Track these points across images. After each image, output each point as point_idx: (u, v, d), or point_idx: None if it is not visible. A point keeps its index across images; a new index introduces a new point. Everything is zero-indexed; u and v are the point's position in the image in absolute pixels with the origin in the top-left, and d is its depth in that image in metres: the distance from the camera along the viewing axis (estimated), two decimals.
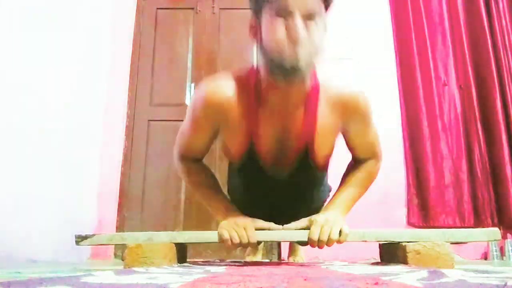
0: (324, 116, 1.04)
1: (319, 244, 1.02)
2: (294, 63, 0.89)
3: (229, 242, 1.03)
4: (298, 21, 0.89)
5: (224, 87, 1.03)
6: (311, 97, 1.03)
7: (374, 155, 1.18)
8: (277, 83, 0.96)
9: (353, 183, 1.17)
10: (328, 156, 1.14)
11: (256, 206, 1.17)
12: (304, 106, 1.03)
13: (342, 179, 1.21)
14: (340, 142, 1.14)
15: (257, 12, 0.98)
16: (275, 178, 1.13)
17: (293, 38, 0.89)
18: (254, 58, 2.89)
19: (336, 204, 1.14)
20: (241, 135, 1.06)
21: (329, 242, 1.02)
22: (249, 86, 1.03)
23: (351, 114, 1.05)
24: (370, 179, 1.20)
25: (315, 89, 1.03)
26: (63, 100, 2.22)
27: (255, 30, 1.00)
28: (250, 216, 1.08)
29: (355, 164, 1.20)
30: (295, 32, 0.89)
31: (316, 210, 1.18)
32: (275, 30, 0.91)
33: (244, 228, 1.04)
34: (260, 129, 1.05)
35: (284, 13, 0.90)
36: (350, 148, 1.17)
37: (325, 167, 1.20)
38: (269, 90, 1.01)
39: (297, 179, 1.13)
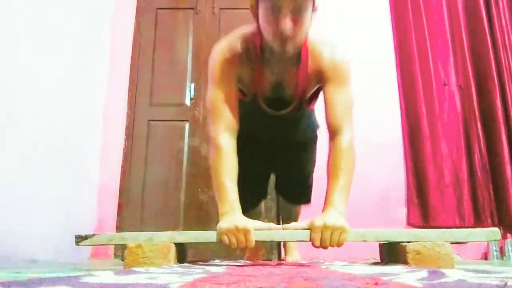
0: (313, 73, 1.23)
1: (322, 246, 1.07)
2: (283, 49, 1.10)
3: (228, 245, 1.09)
4: (287, 21, 1.05)
5: (234, 47, 1.23)
6: (303, 57, 1.21)
7: (344, 121, 1.21)
8: (273, 49, 1.13)
9: (340, 173, 1.16)
10: (316, 99, 1.37)
11: (259, 133, 1.44)
12: (297, 65, 1.22)
13: (327, 171, 1.20)
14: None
15: None
16: (274, 115, 1.33)
17: (282, 35, 1.06)
18: None
19: (333, 202, 1.13)
20: (247, 86, 1.28)
21: (331, 244, 1.07)
22: (255, 45, 1.21)
23: (331, 78, 1.22)
24: (352, 160, 1.20)
25: (306, 51, 1.20)
26: (63, 100, 2.22)
27: (255, 10, 1.14)
28: (255, 142, 1.39)
29: (332, 148, 1.21)
30: (284, 30, 1.05)
31: (308, 140, 1.54)
32: (268, 25, 1.08)
33: (244, 233, 1.06)
34: (262, 82, 1.26)
35: (276, 11, 1.05)
36: (326, 110, 1.25)
37: (313, 107, 1.45)
38: (269, 52, 1.17)
39: (291, 115, 1.35)
